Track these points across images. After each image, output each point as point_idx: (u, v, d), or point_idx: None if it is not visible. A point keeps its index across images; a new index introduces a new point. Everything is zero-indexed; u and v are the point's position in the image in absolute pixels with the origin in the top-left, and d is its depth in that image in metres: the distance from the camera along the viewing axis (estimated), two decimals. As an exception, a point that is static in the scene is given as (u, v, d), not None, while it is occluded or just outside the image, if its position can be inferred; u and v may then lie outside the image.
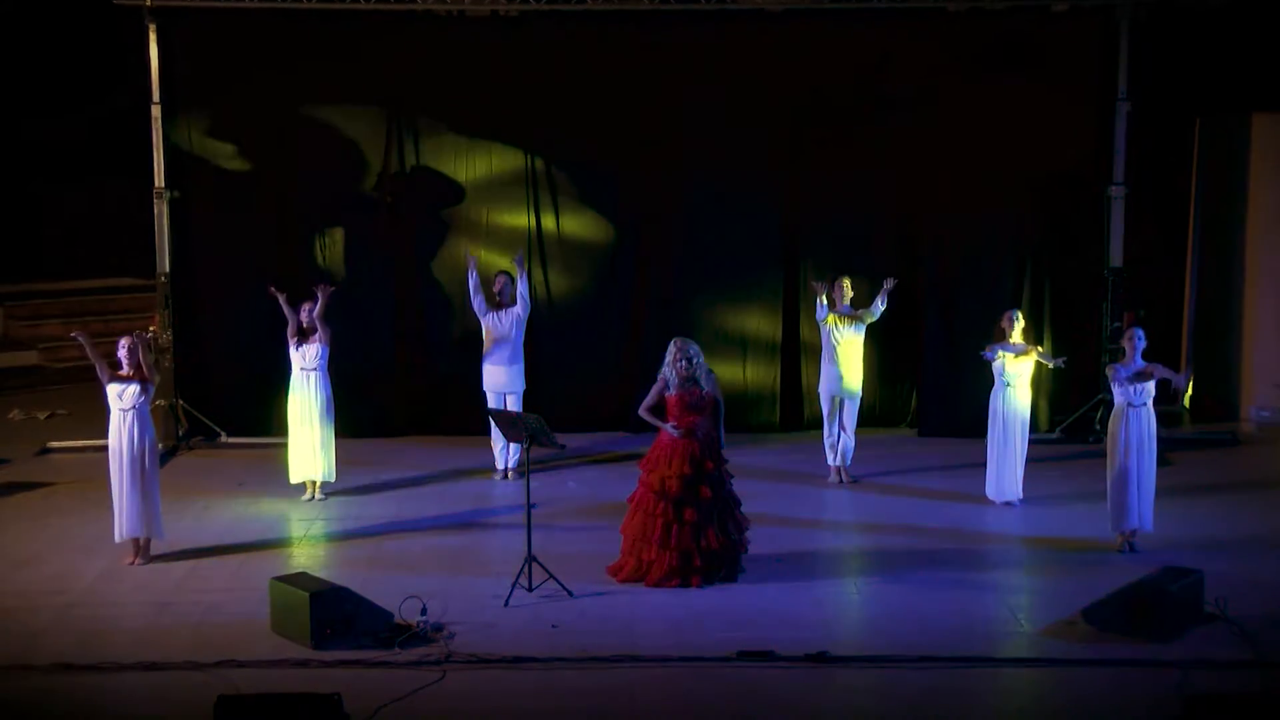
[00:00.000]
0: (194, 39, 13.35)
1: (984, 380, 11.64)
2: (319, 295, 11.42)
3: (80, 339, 10.04)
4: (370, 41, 13.45)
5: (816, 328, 12.20)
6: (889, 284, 11.98)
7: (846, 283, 12.07)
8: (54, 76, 16.37)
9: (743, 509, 9.77)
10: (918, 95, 13.51)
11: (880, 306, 11.99)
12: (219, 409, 13.66)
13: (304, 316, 11.41)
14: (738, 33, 13.48)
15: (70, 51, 16.01)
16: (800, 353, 13.88)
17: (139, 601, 9.28)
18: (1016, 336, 11.27)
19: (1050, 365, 11.44)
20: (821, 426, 12.30)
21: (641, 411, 9.74)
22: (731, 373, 13.62)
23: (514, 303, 12.14)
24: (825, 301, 11.91)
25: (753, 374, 13.91)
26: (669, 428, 9.51)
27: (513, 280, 12.17)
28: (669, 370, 9.56)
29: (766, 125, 13.67)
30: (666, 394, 9.58)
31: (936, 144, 13.52)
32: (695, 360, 9.55)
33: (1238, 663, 8.20)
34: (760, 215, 13.81)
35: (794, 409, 13.98)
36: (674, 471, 9.46)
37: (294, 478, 11.58)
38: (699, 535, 9.46)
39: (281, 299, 11.49)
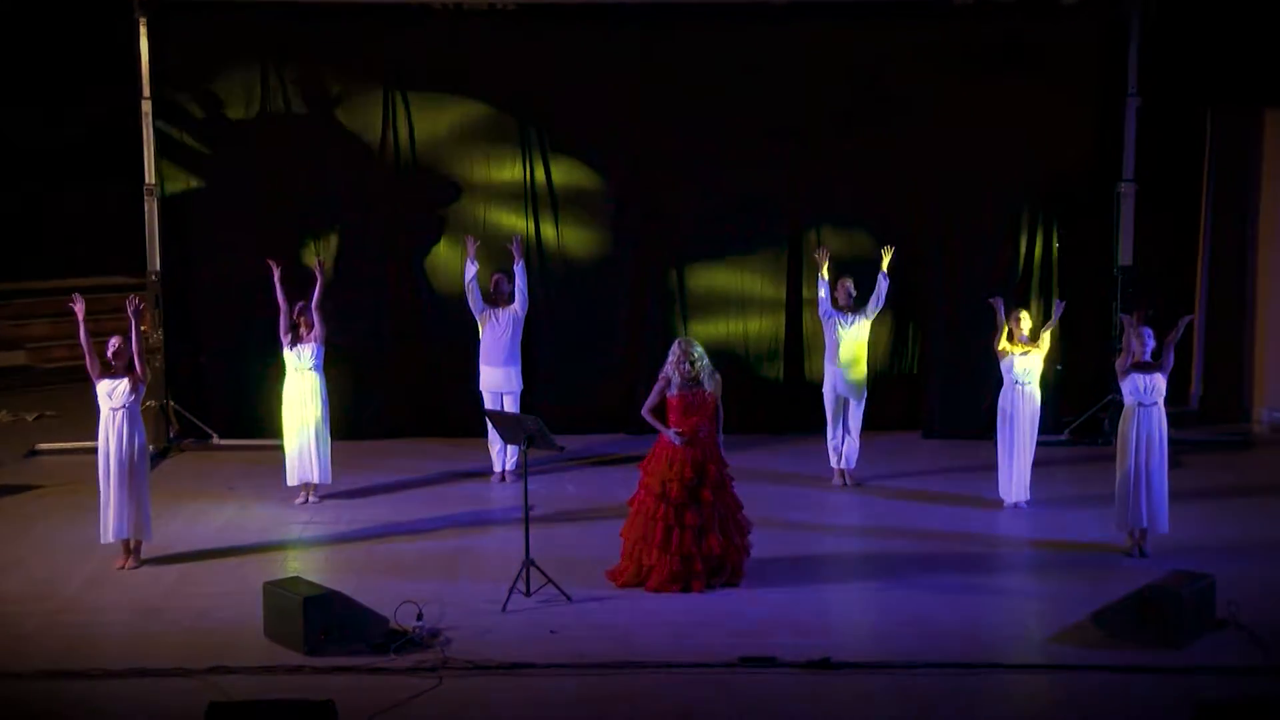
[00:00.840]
0: (187, 33, 13.31)
1: (990, 381, 11.63)
2: (316, 275, 11.37)
3: (76, 309, 9.95)
4: (368, 35, 13.43)
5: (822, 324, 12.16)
6: (886, 256, 11.88)
7: (850, 283, 12.03)
8: (51, 75, 16.37)
9: (744, 512, 9.74)
10: (921, 91, 13.48)
11: (883, 286, 11.82)
12: (212, 410, 13.65)
13: (297, 314, 11.36)
14: (739, 28, 13.45)
15: (67, 49, 16.00)
16: (803, 356, 13.89)
17: (128, 606, 9.26)
18: (1025, 334, 11.24)
19: (1056, 320, 11.41)
20: (825, 422, 12.25)
21: (644, 413, 9.70)
22: (737, 378, 13.61)
23: (511, 301, 12.12)
24: (826, 276, 11.85)
25: (756, 366, 13.93)
26: (672, 435, 9.47)
27: (509, 278, 12.15)
28: (671, 371, 9.54)
29: (767, 125, 13.63)
30: (668, 394, 9.56)
31: (939, 141, 13.50)
32: (699, 362, 9.52)
33: (1250, 669, 8.19)
34: (762, 215, 13.80)
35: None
36: (675, 475, 9.43)
37: (291, 480, 11.55)
38: (700, 540, 9.43)
39: (276, 274, 11.37)
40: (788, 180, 13.74)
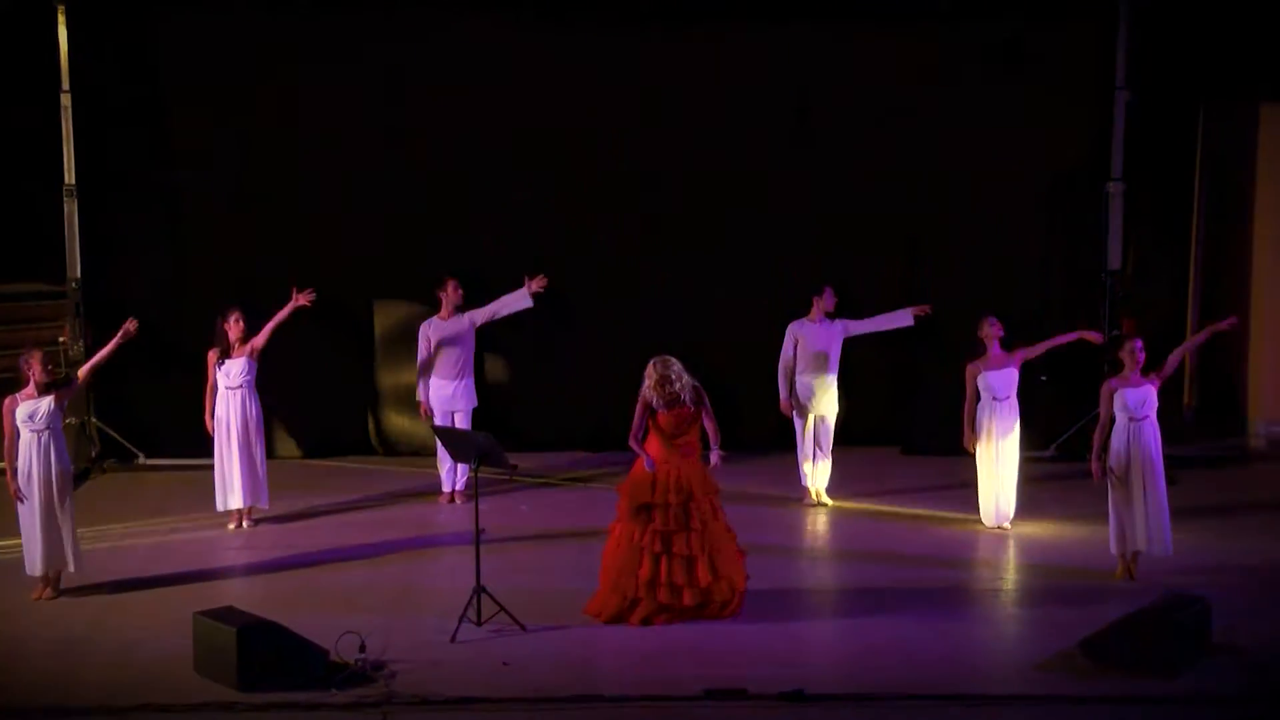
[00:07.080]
0: (112, 21, 13.24)
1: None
2: (294, 297, 11.40)
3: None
4: (363, 30, 13.41)
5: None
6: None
7: (830, 290, 12.07)
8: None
9: (739, 543, 9.64)
10: (919, 91, 13.57)
11: (891, 324, 12.11)
12: (137, 427, 13.53)
13: (231, 329, 11.32)
14: (737, 31, 13.60)
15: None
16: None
17: (48, 639, 9.17)
18: (997, 347, 11.29)
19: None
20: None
21: (632, 441, 9.53)
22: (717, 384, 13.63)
23: (462, 310, 12.08)
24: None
25: (742, 381, 13.89)
26: (647, 462, 9.42)
27: (459, 287, 12.11)
28: (651, 393, 9.43)
29: (766, 126, 13.76)
30: (656, 413, 9.47)
31: (941, 141, 13.60)
32: (678, 380, 9.42)
33: (1247, 697, 8.22)
34: (755, 217, 13.85)
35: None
36: (660, 499, 9.37)
37: (220, 505, 11.49)
38: (690, 570, 9.35)
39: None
40: (786, 182, 13.79)
